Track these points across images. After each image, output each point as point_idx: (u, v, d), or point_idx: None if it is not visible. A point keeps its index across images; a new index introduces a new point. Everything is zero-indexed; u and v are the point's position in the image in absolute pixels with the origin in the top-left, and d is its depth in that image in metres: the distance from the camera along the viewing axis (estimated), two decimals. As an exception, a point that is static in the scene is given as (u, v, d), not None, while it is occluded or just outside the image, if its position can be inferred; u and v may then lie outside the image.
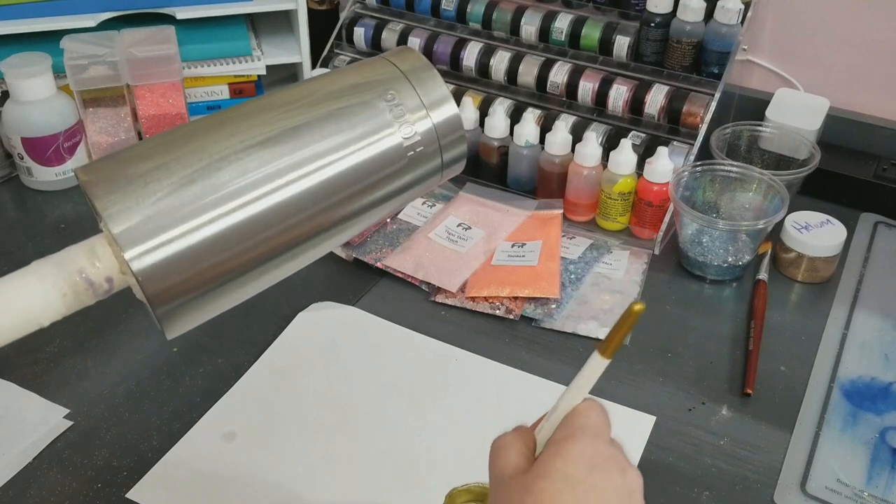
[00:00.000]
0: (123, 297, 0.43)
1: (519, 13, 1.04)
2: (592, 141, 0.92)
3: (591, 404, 0.44)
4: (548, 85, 1.02)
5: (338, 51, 1.16)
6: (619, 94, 0.98)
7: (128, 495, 0.66)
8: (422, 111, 0.43)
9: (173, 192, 0.38)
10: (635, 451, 0.70)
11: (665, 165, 0.90)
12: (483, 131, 0.99)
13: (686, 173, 0.91)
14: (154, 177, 0.39)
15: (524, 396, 0.75)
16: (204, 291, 0.40)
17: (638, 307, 0.40)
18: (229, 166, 0.39)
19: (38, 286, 0.39)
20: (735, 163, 0.92)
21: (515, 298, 0.85)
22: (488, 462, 0.44)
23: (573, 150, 0.94)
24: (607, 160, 0.92)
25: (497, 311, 0.84)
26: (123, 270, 0.39)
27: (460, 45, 1.07)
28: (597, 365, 0.43)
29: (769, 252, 0.91)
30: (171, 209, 0.38)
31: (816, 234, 0.88)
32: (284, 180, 0.40)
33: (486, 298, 0.85)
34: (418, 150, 0.43)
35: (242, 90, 1.14)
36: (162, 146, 0.41)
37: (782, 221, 0.89)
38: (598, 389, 0.75)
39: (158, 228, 0.38)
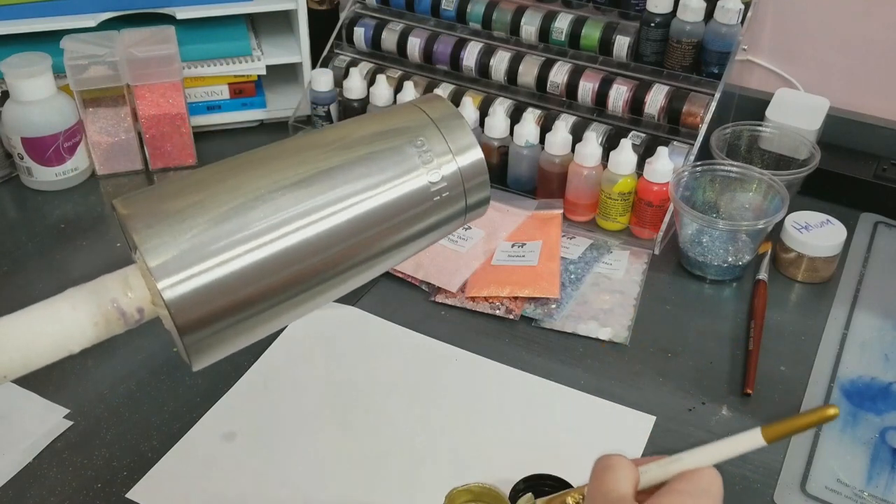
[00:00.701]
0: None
1: (519, 13, 1.04)
2: (592, 141, 0.92)
3: (716, 475, 0.42)
4: (548, 85, 1.02)
5: (338, 51, 1.16)
6: (619, 94, 0.98)
7: (128, 495, 0.66)
8: (448, 156, 0.46)
9: (208, 228, 0.40)
10: (635, 451, 0.70)
11: (665, 165, 0.90)
12: (483, 131, 0.99)
13: (686, 173, 0.91)
14: (190, 213, 0.40)
15: (524, 396, 0.75)
16: (232, 323, 0.41)
17: (833, 412, 0.39)
18: (263, 205, 0.41)
19: (71, 314, 0.40)
20: (735, 163, 0.92)
21: (515, 298, 0.85)
22: (592, 475, 0.43)
23: (573, 150, 0.94)
24: (607, 160, 0.92)
25: (497, 311, 0.84)
26: (155, 301, 0.40)
27: (460, 45, 1.07)
28: (752, 441, 0.41)
29: (769, 252, 0.91)
30: (205, 244, 0.40)
31: (816, 234, 0.88)
32: (315, 217, 0.42)
33: (486, 298, 0.85)
34: (444, 193, 0.45)
35: (242, 90, 1.14)
36: (198, 184, 0.43)
37: (782, 221, 0.89)
38: (599, 389, 0.75)
39: (192, 262, 0.39)
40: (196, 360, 0.41)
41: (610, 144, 0.96)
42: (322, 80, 1.08)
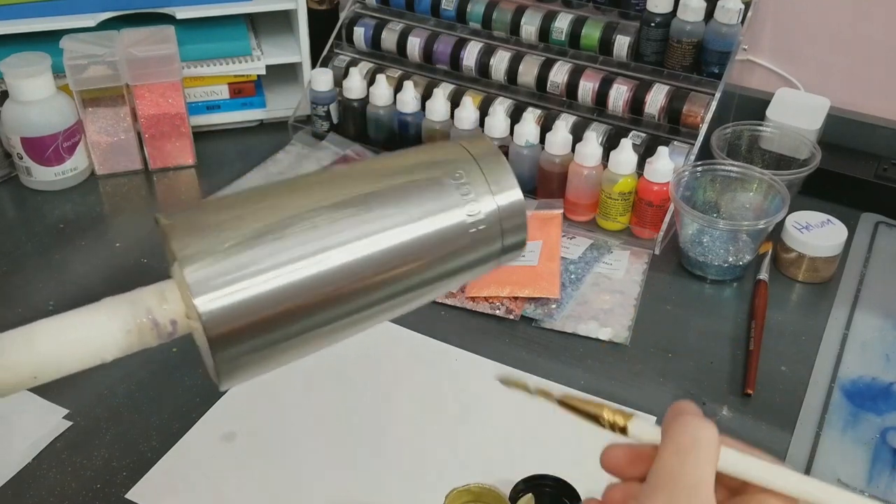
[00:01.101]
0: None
1: (519, 13, 1.04)
2: (593, 141, 0.92)
3: None
4: (548, 85, 1.02)
5: (337, 51, 1.16)
6: (619, 94, 0.98)
7: (127, 495, 0.66)
8: (487, 193, 0.45)
9: (244, 241, 0.40)
10: (636, 452, 0.70)
11: (665, 165, 0.90)
12: (483, 131, 0.99)
13: (686, 173, 0.91)
14: (228, 226, 0.41)
15: (524, 397, 0.75)
16: (262, 342, 0.41)
17: None
18: (300, 223, 0.41)
19: (107, 323, 0.40)
20: (735, 163, 0.92)
21: (515, 298, 0.85)
22: (670, 441, 0.36)
23: (573, 149, 0.94)
24: (607, 160, 0.92)
25: (497, 311, 0.84)
26: (189, 315, 0.40)
27: (460, 44, 1.07)
28: None
29: (770, 252, 0.91)
30: (241, 258, 0.40)
31: (817, 233, 0.88)
32: (351, 242, 0.42)
33: (486, 298, 0.85)
34: (480, 228, 0.44)
35: (242, 90, 1.14)
36: (240, 201, 0.43)
37: (783, 221, 0.89)
38: (598, 390, 0.75)
39: (227, 274, 0.39)
40: (224, 378, 0.41)
41: (610, 144, 0.95)
42: (322, 79, 1.08)
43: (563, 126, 0.96)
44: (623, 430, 0.39)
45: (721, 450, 0.36)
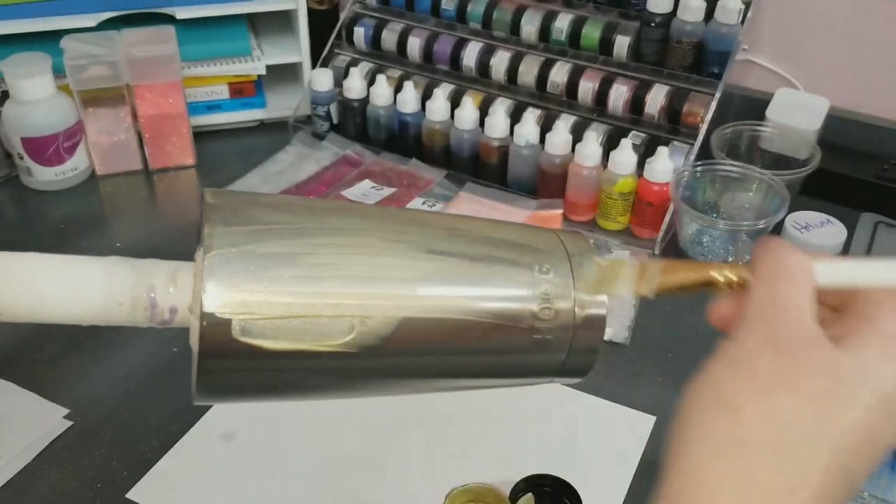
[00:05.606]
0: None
1: (519, 13, 1.04)
2: (592, 141, 0.92)
3: None
4: (548, 85, 1.02)
5: (337, 50, 1.16)
6: (619, 94, 0.98)
7: (127, 495, 0.66)
8: (569, 298, 0.38)
9: (284, 258, 0.34)
10: (635, 452, 0.70)
11: (665, 165, 0.90)
12: (483, 131, 0.99)
13: (686, 173, 0.91)
14: (268, 229, 0.35)
15: (525, 396, 0.75)
16: (258, 369, 0.35)
17: None
18: (356, 268, 0.35)
19: (101, 280, 0.36)
20: (735, 163, 0.92)
21: (515, 298, 0.85)
22: (762, 265, 0.34)
23: (573, 149, 0.94)
24: (607, 160, 0.92)
25: (497, 312, 0.84)
26: (192, 309, 0.35)
27: (460, 44, 1.07)
28: None
29: (769, 252, 0.90)
30: (272, 270, 0.34)
31: (817, 234, 0.88)
32: (399, 290, 0.36)
33: (486, 298, 0.85)
34: (547, 336, 0.37)
35: (242, 90, 1.14)
36: (300, 209, 0.38)
37: (782, 221, 0.89)
38: (599, 389, 0.75)
39: (247, 281, 0.34)
40: (201, 389, 0.36)
41: (610, 144, 0.95)
42: (322, 79, 1.08)
43: (563, 126, 0.96)
44: (741, 285, 0.36)
45: (814, 267, 0.34)
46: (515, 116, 1.00)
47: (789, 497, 0.30)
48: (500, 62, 1.05)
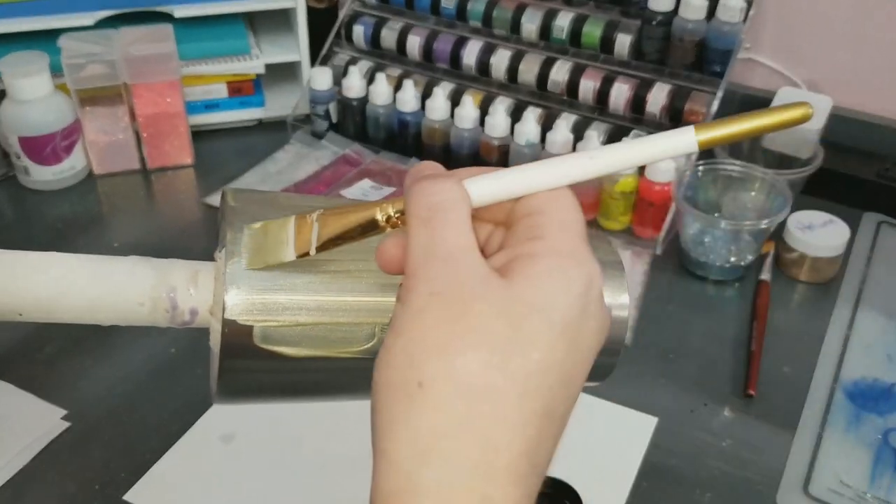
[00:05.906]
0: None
1: (519, 11, 1.04)
2: (594, 140, 0.92)
3: (572, 201, 0.31)
4: (549, 83, 1.02)
5: (337, 49, 1.15)
6: (620, 93, 0.98)
7: (125, 497, 0.65)
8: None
9: (301, 261, 0.34)
10: (637, 453, 0.69)
11: (667, 164, 0.89)
12: (483, 130, 0.99)
13: (688, 173, 0.90)
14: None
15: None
16: (277, 370, 0.36)
17: (803, 112, 0.30)
18: (362, 257, 0.36)
19: (124, 280, 0.35)
20: (737, 162, 0.92)
21: (516, 298, 0.84)
22: (413, 209, 0.30)
23: (574, 148, 0.93)
24: (608, 159, 0.91)
25: (498, 312, 0.83)
26: (213, 311, 0.36)
27: (460, 43, 1.06)
28: (680, 144, 0.31)
29: (772, 252, 0.90)
30: (294, 277, 0.34)
31: (819, 233, 0.88)
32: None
33: (486, 298, 0.84)
34: None
35: (241, 89, 1.13)
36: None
37: (785, 221, 0.88)
38: (599, 389, 0.75)
39: (268, 288, 0.34)
40: (222, 391, 0.36)
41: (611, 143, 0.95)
42: (321, 78, 1.07)
43: (564, 125, 0.95)
44: (404, 222, 0.32)
45: (468, 188, 0.31)
46: (516, 115, 0.99)
47: (495, 466, 0.28)
48: (500, 61, 1.04)
